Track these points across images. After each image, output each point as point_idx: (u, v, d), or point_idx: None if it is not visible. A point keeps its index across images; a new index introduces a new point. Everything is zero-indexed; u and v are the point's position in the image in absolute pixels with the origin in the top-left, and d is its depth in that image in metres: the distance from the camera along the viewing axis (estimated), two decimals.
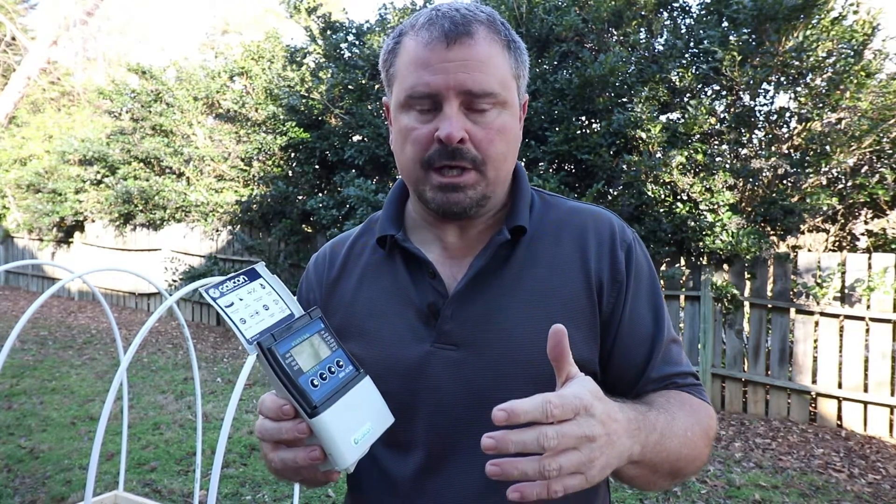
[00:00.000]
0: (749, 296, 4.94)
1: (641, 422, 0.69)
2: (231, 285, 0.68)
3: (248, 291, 0.69)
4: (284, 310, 0.70)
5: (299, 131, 7.06)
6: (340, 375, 0.67)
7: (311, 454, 0.64)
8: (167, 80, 9.50)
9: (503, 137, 0.79)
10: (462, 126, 0.76)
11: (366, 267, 0.90)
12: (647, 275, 0.86)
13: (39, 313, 9.25)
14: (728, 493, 3.38)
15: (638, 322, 0.83)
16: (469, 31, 0.76)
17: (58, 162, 10.95)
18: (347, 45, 7.09)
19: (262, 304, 0.69)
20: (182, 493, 3.30)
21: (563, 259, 0.83)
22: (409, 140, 0.79)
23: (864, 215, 5.30)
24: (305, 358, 0.66)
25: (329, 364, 0.67)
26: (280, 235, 7.37)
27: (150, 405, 4.84)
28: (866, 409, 4.40)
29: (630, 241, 0.85)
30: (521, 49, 0.83)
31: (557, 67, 5.82)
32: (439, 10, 0.79)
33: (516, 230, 0.83)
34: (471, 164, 0.78)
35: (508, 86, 0.79)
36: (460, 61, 0.75)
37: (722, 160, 5.06)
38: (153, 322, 1.82)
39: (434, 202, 0.80)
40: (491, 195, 0.82)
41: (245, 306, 0.67)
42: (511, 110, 0.80)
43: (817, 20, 4.84)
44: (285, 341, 0.65)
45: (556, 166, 5.70)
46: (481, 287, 0.82)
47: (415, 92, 0.77)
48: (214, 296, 0.66)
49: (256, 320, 0.67)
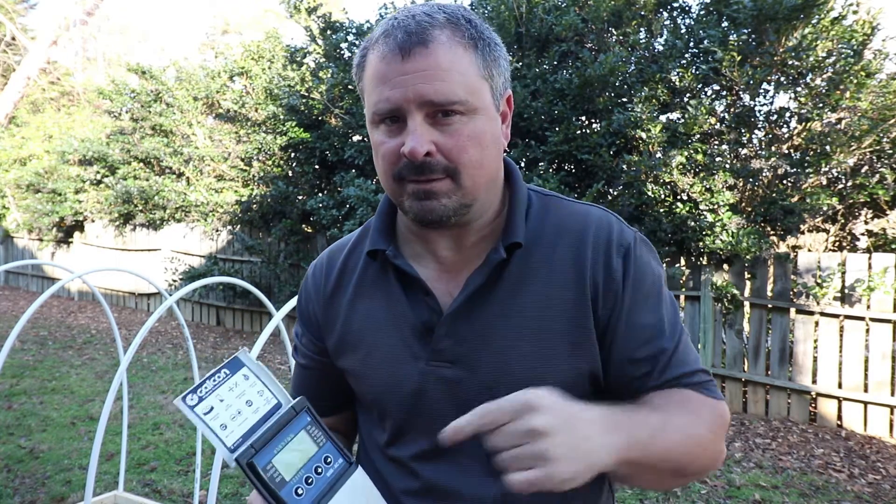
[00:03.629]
0: (749, 296, 4.94)
1: (625, 421, 0.68)
2: (210, 385, 0.64)
3: (228, 389, 0.65)
4: (270, 400, 0.67)
5: (299, 131, 7.06)
6: (328, 474, 0.65)
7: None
8: (167, 80, 9.51)
9: (476, 143, 0.75)
10: (427, 139, 0.73)
11: (360, 281, 0.89)
12: (651, 279, 0.82)
13: (39, 313, 9.25)
14: (728, 493, 3.38)
15: (637, 331, 0.80)
16: (424, 40, 0.73)
17: (58, 162, 10.95)
18: (347, 45, 7.08)
19: (245, 401, 0.65)
20: (182, 493, 3.30)
21: (558, 270, 0.81)
22: (380, 155, 0.78)
23: (864, 215, 5.30)
24: (290, 462, 0.63)
25: (316, 463, 0.65)
26: (280, 235, 7.37)
27: (150, 405, 4.84)
28: (866, 409, 4.40)
29: (629, 245, 0.82)
30: (491, 45, 0.78)
31: (557, 67, 5.82)
32: (396, 20, 0.75)
33: (511, 247, 0.80)
34: (443, 173, 0.75)
35: (476, 89, 0.75)
36: (418, 72, 0.72)
37: (722, 160, 5.06)
38: (153, 322, 1.82)
39: (412, 211, 0.78)
40: (471, 203, 0.79)
41: (226, 407, 0.64)
42: (483, 113, 0.77)
43: (817, 20, 4.83)
44: (267, 449, 0.62)
45: (556, 166, 5.70)
46: (476, 305, 0.80)
47: (378, 108, 0.75)
48: (192, 403, 0.62)
49: (238, 422, 0.63)
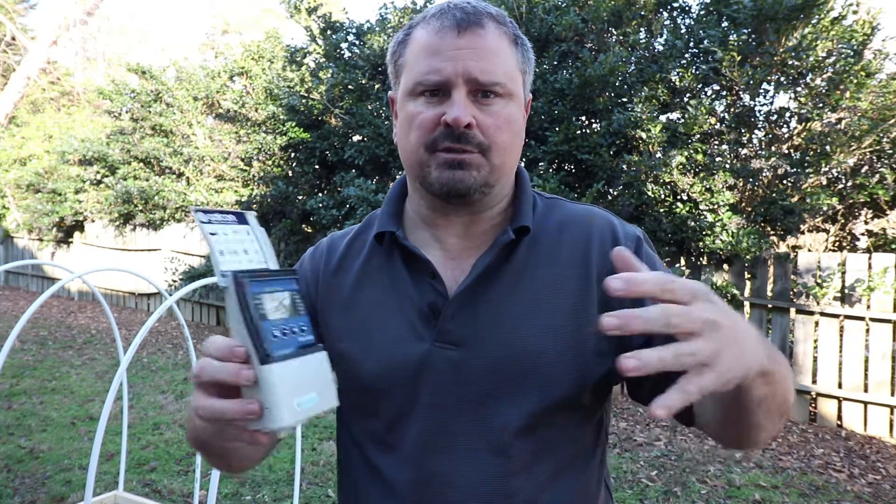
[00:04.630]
0: (749, 296, 4.94)
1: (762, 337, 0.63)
2: (219, 217, 0.66)
3: (233, 230, 0.67)
4: (262, 262, 0.68)
5: (299, 131, 7.06)
6: (300, 339, 0.64)
7: (249, 406, 0.59)
8: (167, 80, 9.51)
9: (510, 128, 0.80)
10: (470, 112, 0.77)
11: (365, 264, 0.89)
12: (659, 270, 0.82)
13: (39, 313, 9.25)
14: (728, 493, 3.38)
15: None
16: (480, 22, 0.78)
17: (58, 162, 10.96)
18: (347, 45, 7.08)
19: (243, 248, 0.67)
20: (182, 493, 3.30)
21: (564, 258, 0.82)
22: (414, 125, 0.79)
23: (864, 215, 5.30)
24: (273, 308, 0.63)
25: (293, 325, 0.65)
26: (280, 235, 7.37)
27: (150, 405, 4.84)
28: (866, 409, 4.40)
29: (637, 236, 0.85)
30: (527, 47, 0.85)
31: (557, 67, 5.82)
32: (451, 2, 0.81)
33: (520, 230, 0.82)
34: (476, 148, 0.78)
35: (515, 78, 0.81)
36: (470, 49, 0.77)
37: (722, 160, 5.06)
38: (153, 322, 1.82)
39: (438, 182, 0.79)
40: (495, 184, 0.81)
41: (227, 241, 0.65)
42: (517, 103, 0.82)
43: (817, 20, 4.84)
44: (258, 283, 0.63)
45: (556, 166, 5.70)
46: (483, 287, 0.81)
47: (424, 78, 0.78)
48: (203, 219, 0.64)
49: (234, 259, 0.65)
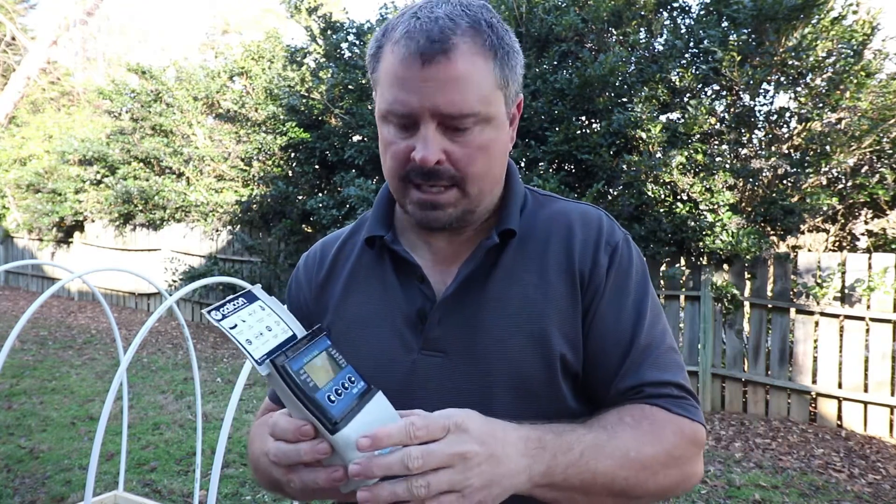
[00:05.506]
0: (749, 296, 4.94)
1: (550, 442, 0.66)
2: (231, 307, 0.66)
3: (248, 313, 0.67)
4: (287, 331, 0.68)
5: (299, 131, 7.06)
6: (354, 391, 0.65)
7: (334, 475, 0.60)
8: (167, 80, 9.51)
9: (485, 154, 0.77)
10: (439, 147, 0.74)
11: (354, 269, 0.89)
12: (636, 278, 0.83)
13: (39, 313, 9.25)
14: (728, 493, 3.38)
15: (612, 326, 0.80)
16: (445, 49, 0.71)
17: (58, 162, 10.95)
18: (348, 45, 7.08)
19: (265, 326, 0.67)
20: (182, 493, 3.30)
21: (550, 261, 0.82)
22: (388, 153, 0.79)
23: (864, 215, 5.30)
24: (319, 375, 0.64)
25: (342, 381, 0.65)
26: (280, 235, 7.37)
27: (150, 405, 4.84)
28: (866, 409, 4.40)
29: (616, 243, 0.83)
30: (510, 52, 0.78)
31: (557, 67, 5.82)
32: (419, 20, 0.73)
33: (505, 233, 0.82)
34: (449, 181, 0.76)
35: (491, 100, 0.75)
36: (436, 81, 0.72)
37: (722, 160, 5.06)
38: (153, 322, 1.82)
39: (415, 217, 0.80)
40: (475, 209, 0.81)
41: (248, 327, 0.65)
42: (495, 123, 0.77)
43: (817, 20, 4.84)
44: (297, 358, 0.63)
45: (556, 166, 5.70)
46: (469, 293, 0.81)
47: (392, 109, 0.75)
48: (217, 318, 0.64)
49: (262, 341, 0.65)
